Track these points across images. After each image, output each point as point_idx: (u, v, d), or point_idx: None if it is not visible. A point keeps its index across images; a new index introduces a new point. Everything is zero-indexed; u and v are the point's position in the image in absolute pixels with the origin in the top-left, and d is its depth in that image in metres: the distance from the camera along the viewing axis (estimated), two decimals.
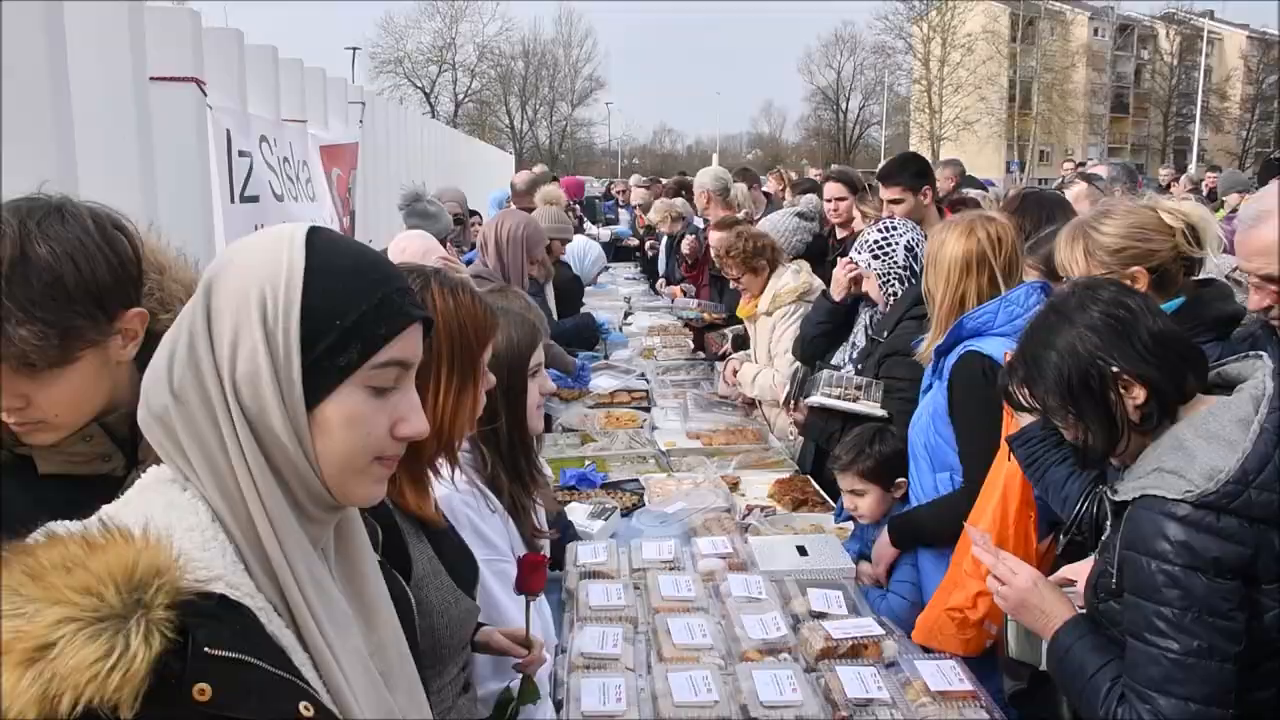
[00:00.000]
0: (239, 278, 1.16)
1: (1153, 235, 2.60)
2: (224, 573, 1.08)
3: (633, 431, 5.08)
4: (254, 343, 1.13)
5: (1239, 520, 1.87)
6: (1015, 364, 2.21)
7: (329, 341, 1.14)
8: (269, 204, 5.14)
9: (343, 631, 1.20)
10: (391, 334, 1.19)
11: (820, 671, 2.63)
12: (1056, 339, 2.10)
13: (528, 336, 2.51)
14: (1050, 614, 2.24)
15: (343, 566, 1.31)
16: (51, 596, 0.93)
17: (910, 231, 4.07)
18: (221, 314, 1.15)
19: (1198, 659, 1.88)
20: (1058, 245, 2.78)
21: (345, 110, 7.94)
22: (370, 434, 1.19)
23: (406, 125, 11.24)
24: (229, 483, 1.13)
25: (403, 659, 1.36)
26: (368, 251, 1.26)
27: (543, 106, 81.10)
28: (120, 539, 1.00)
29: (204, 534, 1.11)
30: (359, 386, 1.17)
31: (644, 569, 3.26)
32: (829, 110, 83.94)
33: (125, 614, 0.94)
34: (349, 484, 1.20)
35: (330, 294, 1.15)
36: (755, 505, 4.04)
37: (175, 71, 4.20)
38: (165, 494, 1.15)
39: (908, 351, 3.66)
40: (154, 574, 0.98)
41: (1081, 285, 2.20)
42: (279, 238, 1.19)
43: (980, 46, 70.06)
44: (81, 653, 0.90)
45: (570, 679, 2.58)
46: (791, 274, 5.22)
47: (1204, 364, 2.08)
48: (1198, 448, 1.93)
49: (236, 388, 1.13)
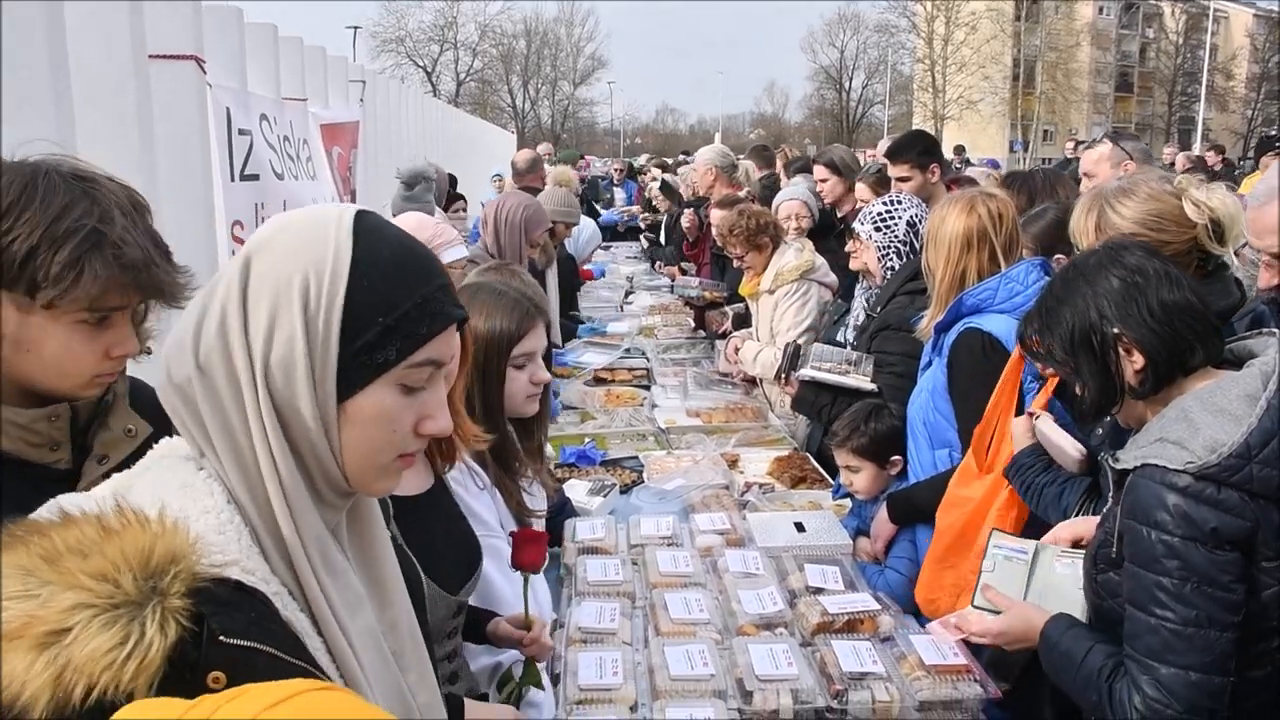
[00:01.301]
0: (282, 257, 1.14)
1: (1169, 226, 2.52)
2: (239, 557, 1.08)
3: (633, 409, 5.10)
4: (292, 329, 1.11)
5: (1239, 494, 1.87)
6: (1034, 313, 2.24)
7: (369, 337, 1.13)
8: (269, 182, 5.13)
9: (355, 612, 1.20)
10: (432, 334, 1.18)
11: (816, 645, 2.65)
12: (1072, 295, 2.12)
13: (513, 323, 2.48)
14: (1031, 625, 2.26)
15: (356, 545, 1.30)
16: (67, 581, 0.92)
17: (914, 208, 4.07)
18: (259, 293, 1.13)
19: (1197, 629, 1.88)
20: (1076, 209, 2.75)
21: (346, 89, 7.91)
22: (397, 431, 1.18)
23: (407, 104, 11.21)
24: (248, 461, 1.12)
25: (414, 638, 1.36)
26: (411, 242, 1.24)
27: (545, 86, 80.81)
28: (136, 523, 0.99)
29: (220, 516, 1.10)
30: (393, 384, 1.16)
31: (642, 545, 3.28)
32: (832, 89, 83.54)
33: (141, 601, 0.93)
34: (368, 476, 1.20)
35: (375, 289, 1.14)
36: (754, 482, 4.06)
37: (175, 49, 4.18)
38: (179, 473, 1.14)
39: (900, 326, 3.67)
40: (170, 560, 0.97)
41: (1110, 246, 2.19)
42: (326, 220, 1.17)
43: (984, 25, 69.62)
44: (96, 640, 0.89)
45: (568, 653, 2.60)
46: (794, 252, 5.22)
47: (1216, 341, 2.07)
48: (1202, 420, 1.93)
49: (269, 370, 1.12)
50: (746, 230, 5.19)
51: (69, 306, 1.54)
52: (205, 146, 4.43)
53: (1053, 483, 2.61)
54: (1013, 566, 2.42)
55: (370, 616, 1.24)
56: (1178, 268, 2.10)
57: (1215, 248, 2.53)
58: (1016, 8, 70.97)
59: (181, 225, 4.24)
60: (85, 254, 1.52)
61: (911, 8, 73.29)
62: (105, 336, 1.63)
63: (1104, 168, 4.81)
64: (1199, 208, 2.51)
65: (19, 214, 1.51)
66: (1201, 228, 2.50)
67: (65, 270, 1.51)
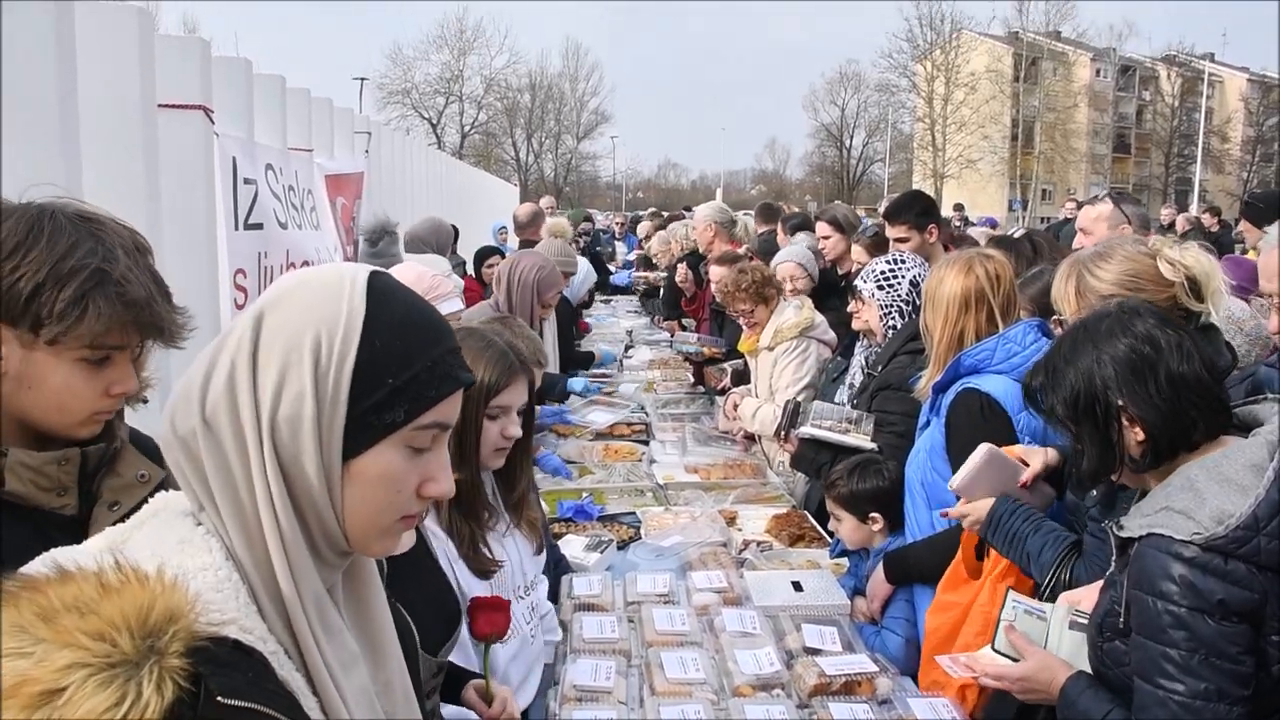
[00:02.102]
0: (295, 314, 1.14)
1: (1146, 285, 2.56)
2: (237, 616, 1.07)
3: (631, 464, 5.08)
4: (302, 386, 1.11)
5: (1247, 566, 1.85)
6: (1040, 367, 2.22)
7: (378, 398, 1.14)
8: (273, 231, 5.15)
9: (350, 672, 1.19)
10: (440, 397, 1.18)
11: (813, 708, 2.62)
12: (1079, 357, 2.10)
13: (494, 375, 2.47)
14: (1054, 678, 2.22)
15: (352, 604, 1.29)
16: (63, 639, 0.91)
17: (918, 267, 4.08)
18: (271, 348, 1.13)
19: (1205, 702, 1.85)
20: (1056, 277, 2.78)
21: (351, 140, 7.99)
22: (401, 492, 1.19)
23: (412, 155, 11.30)
24: (249, 517, 1.12)
25: (407, 699, 1.35)
26: (423, 305, 1.24)
27: (548, 139, 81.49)
28: (135, 581, 0.98)
29: (218, 574, 1.09)
30: (399, 445, 1.17)
31: (638, 602, 3.26)
32: (833, 147, 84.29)
33: (138, 661, 0.92)
34: (369, 537, 1.20)
35: (387, 350, 1.14)
36: (752, 540, 4.03)
37: (184, 99, 4.23)
38: (177, 529, 1.14)
39: (900, 386, 3.67)
40: (169, 619, 0.96)
41: (1122, 309, 2.16)
42: (340, 279, 1.17)
43: (983, 85, 70.48)
44: (92, 700, 0.88)
45: (563, 711, 2.57)
46: (794, 309, 5.24)
47: (1223, 415, 2.05)
48: (1208, 490, 1.91)
49: (275, 427, 1.12)
50: (754, 284, 5.21)
51: (71, 344, 1.57)
52: (210, 194, 4.46)
53: (1035, 531, 2.58)
54: (1032, 621, 2.39)
55: (365, 676, 1.23)
56: (1190, 337, 2.07)
57: (1194, 304, 2.56)
58: (1015, 69, 71.90)
59: (184, 272, 4.25)
60: (89, 292, 1.55)
61: (912, 68, 74.21)
62: (106, 375, 1.65)
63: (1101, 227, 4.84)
64: (1174, 266, 2.55)
65: (26, 252, 1.54)
66: (1179, 285, 2.54)
67: (69, 307, 1.54)
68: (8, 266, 1.54)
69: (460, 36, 75.27)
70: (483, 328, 2.65)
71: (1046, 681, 2.23)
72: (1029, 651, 2.30)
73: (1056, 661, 2.25)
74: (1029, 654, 2.29)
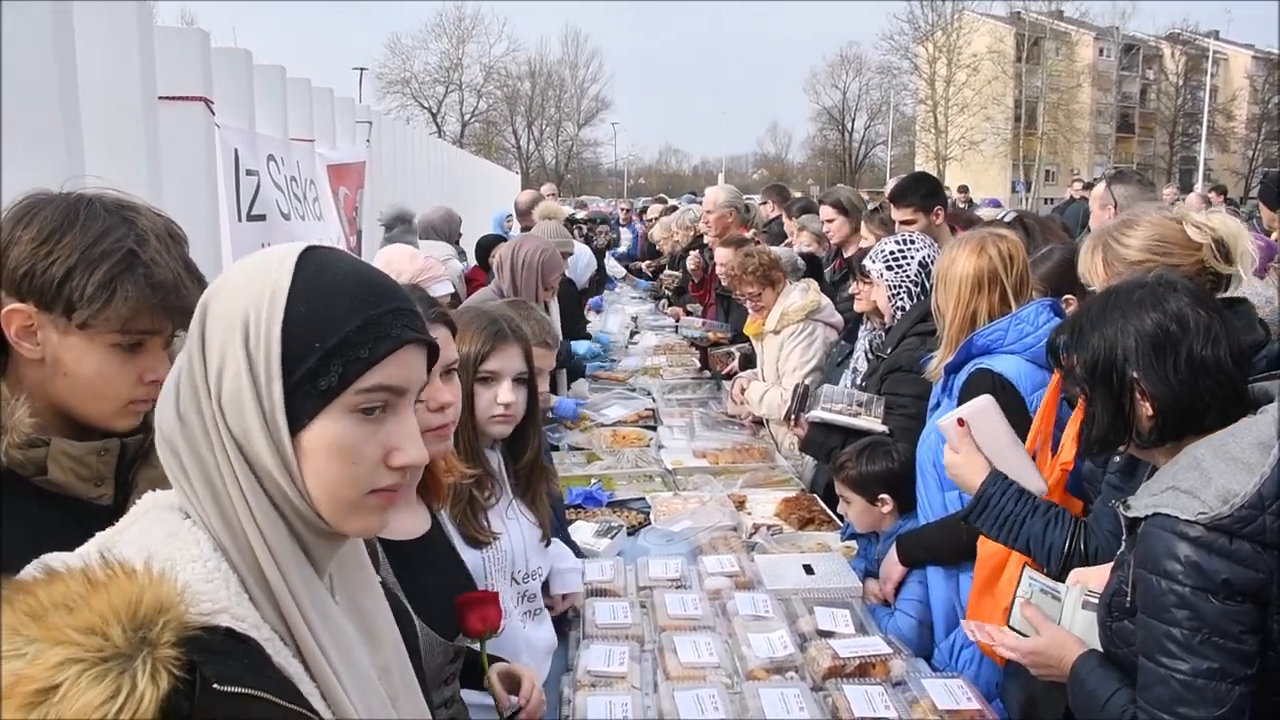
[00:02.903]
0: (229, 299, 1.14)
1: (1174, 249, 2.52)
2: (229, 604, 1.07)
3: (639, 450, 5.07)
4: (237, 365, 1.11)
5: (1252, 545, 1.83)
6: (1066, 326, 2.21)
7: (310, 365, 1.11)
8: (276, 222, 5.14)
9: (348, 656, 1.18)
10: (376, 357, 1.14)
11: (827, 690, 2.62)
12: (1106, 323, 2.08)
13: (480, 342, 2.50)
14: (1065, 654, 2.21)
15: (344, 590, 1.29)
16: (54, 637, 0.91)
17: (927, 248, 4.04)
18: (212, 336, 1.13)
19: (1208, 680, 1.84)
20: (1081, 251, 2.75)
21: (353, 130, 7.98)
22: (358, 463, 1.14)
23: (413, 145, 11.29)
24: (228, 508, 1.12)
25: (406, 683, 1.35)
26: (366, 272, 1.21)
27: (549, 127, 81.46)
28: (123, 574, 0.98)
29: (207, 565, 1.09)
30: (345, 412, 1.13)
31: (650, 587, 3.25)
32: (834, 130, 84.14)
33: (131, 653, 0.92)
34: (341, 515, 1.16)
35: (312, 315, 1.12)
36: (762, 524, 4.02)
37: (184, 91, 4.22)
38: (166, 523, 1.13)
39: (911, 368, 3.65)
40: (158, 610, 0.96)
41: (1159, 282, 2.12)
42: (269, 258, 1.17)
43: (985, 66, 70.25)
44: (87, 695, 0.88)
45: (576, 697, 2.57)
46: (799, 292, 5.23)
47: (1241, 402, 2.02)
48: (1214, 469, 1.89)
49: (223, 410, 1.11)
50: (760, 266, 5.21)
51: (102, 327, 1.59)
52: (213, 186, 4.45)
53: (1032, 514, 2.55)
54: (1046, 601, 2.38)
55: (363, 660, 1.23)
56: (1222, 320, 2.04)
57: (1224, 267, 2.51)
58: (1018, 49, 71.62)
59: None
60: (118, 275, 1.57)
61: (913, 49, 74.00)
62: (139, 361, 1.66)
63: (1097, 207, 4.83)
64: (1201, 229, 2.52)
65: (59, 238, 1.57)
66: (1206, 248, 2.50)
67: (99, 290, 1.56)
68: (43, 252, 1.56)
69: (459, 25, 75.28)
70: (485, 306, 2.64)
71: (1058, 658, 2.23)
72: (1044, 628, 2.29)
73: (1069, 638, 2.25)
74: (1043, 629, 2.29)
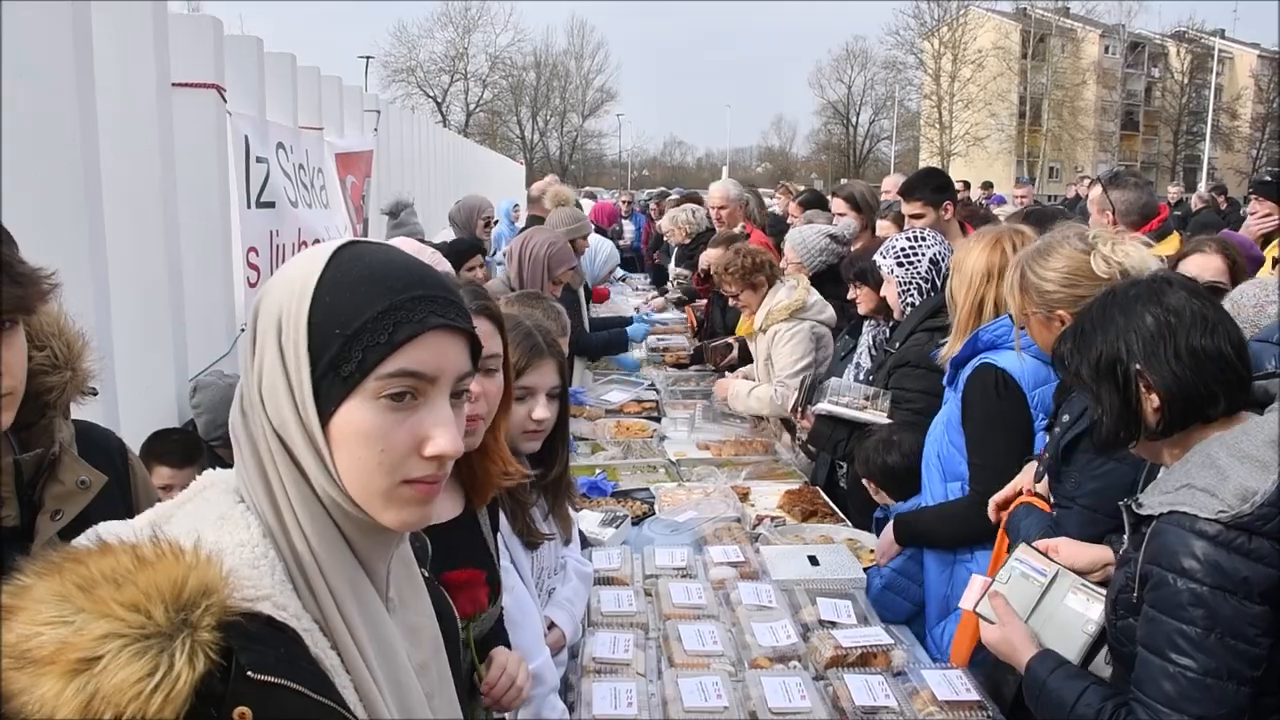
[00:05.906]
0: (272, 295, 1.17)
1: (1081, 282, 2.58)
2: (272, 592, 1.07)
3: (643, 441, 5.11)
4: (273, 357, 1.13)
5: (1271, 543, 1.85)
6: (1070, 330, 2.23)
7: (333, 352, 1.11)
8: (284, 209, 5.17)
9: (387, 652, 1.19)
10: (396, 342, 1.12)
11: (829, 679, 2.65)
12: (1106, 323, 2.11)
13: (517, 357, 2.43)
14: (1015, 653, 2.25)
15: (394, 585, 1.29)
16: (100, 610, 0.92)
17: (938, 245, 4.06)
18: (258, 330, 1.16)
19: (1215, 680, 1.86)
20: (1006, 275, 2.81)
21: (361, 118, 7.99)
22: (387, 451, 1.13)
23: (420, 134, 11.30)
24: (279, 495, 1.14)
25: (443, 680, 1.35)
26: (399, 261, 1.20)
27: (554, 117, 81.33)
28: (171, 555, 0.99)
29: (254, 550, 1.10)
30: (371, 399, 1.12)
31: (656, 575, 3.29)
32: (839, 124, 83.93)
33: (171, 633, 0.93)
34: (377, 505, 1.15)
35: (335, 304, 1.13)
36: (765, 515, 4.05)
37: (196, 78, 4.25)
38: (218, 505, 1.15)
39: (919, 363, 3.68)
40: (202, 593, 0.97)
41: (1156, 279, 2.16)
42: (311, 254, 1.18)
43: (991, 62, 70.11)
44: (126, 670, 0.90)
45: (582, 684, 2.60)
46: (786, 290, 5.20)
47: (1243, 390, 2.05)
48: (1230, 467, 1.91)
49: (264, 401, 1.14)
50: (742, 269, 5.17)
51: None
52: (223, 173, 4.48)
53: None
54: (1026, 585, 2.38)
55: (403, 655, 1.23)
56: (1218, 311, 2.07)
57: None
58: (1023, 46, 71.46)
59: (198, 250, 4.30)
60: None
61: (919, 45, 73.84)
62: None
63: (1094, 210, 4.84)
64: (1109, 262, 2.58)
65: None
66: (1113, 280, 2.51)
67: None
68: None
69: (465, 14, 75.14)
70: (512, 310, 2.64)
71: (1008, 654, 2.28)
72: (1003, 619, 2.33)
73: (1021, 640, 2.27)
74: (1002, 621, 2.32)
